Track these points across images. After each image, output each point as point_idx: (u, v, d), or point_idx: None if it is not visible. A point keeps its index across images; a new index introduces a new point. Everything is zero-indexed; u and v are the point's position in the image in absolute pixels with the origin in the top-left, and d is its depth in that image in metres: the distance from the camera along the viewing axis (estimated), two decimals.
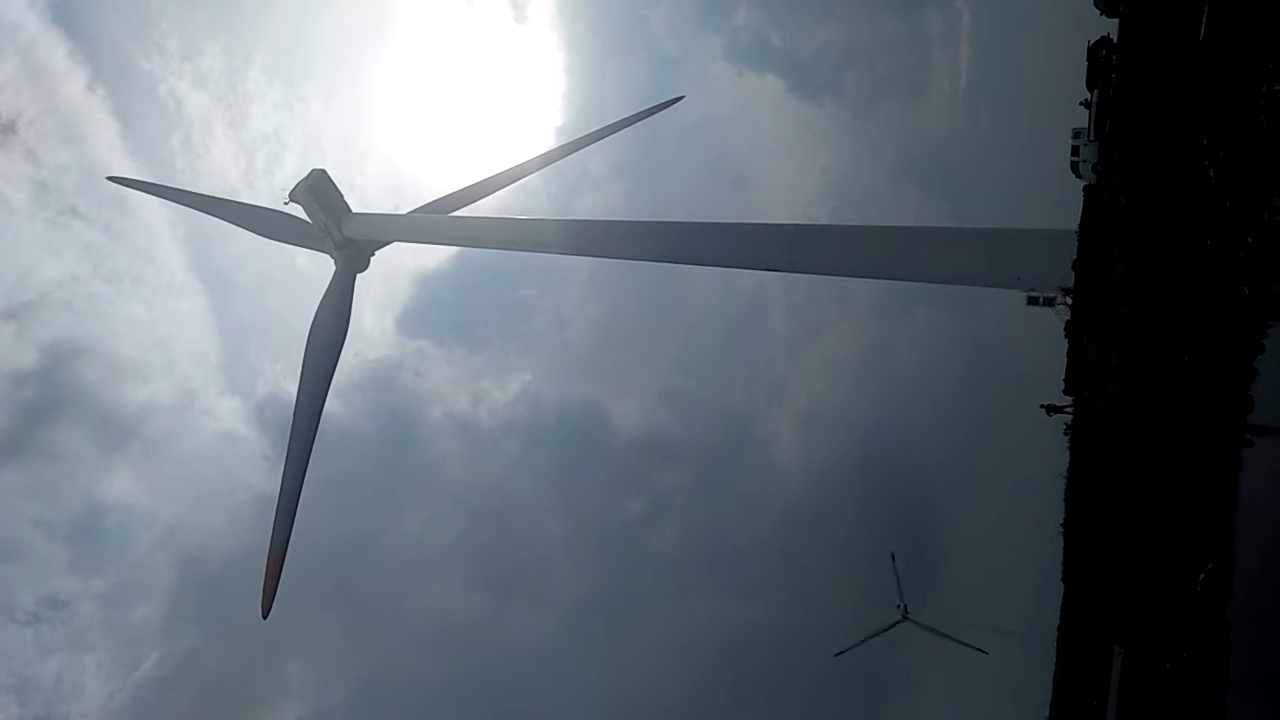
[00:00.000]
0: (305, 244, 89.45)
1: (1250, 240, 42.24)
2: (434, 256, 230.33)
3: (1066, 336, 56.19)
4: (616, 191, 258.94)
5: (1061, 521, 66.57)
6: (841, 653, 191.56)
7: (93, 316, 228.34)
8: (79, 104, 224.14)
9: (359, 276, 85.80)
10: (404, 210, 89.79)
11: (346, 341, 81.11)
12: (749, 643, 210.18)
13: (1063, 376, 58.83)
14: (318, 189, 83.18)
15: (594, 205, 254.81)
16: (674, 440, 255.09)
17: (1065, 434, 64.14)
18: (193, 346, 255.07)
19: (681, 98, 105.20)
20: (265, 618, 73.87)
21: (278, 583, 73.14)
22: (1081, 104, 63.86)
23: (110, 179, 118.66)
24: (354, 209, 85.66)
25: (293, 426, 76.44)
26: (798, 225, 66.25)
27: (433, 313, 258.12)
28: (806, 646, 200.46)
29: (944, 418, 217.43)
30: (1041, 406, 61.69)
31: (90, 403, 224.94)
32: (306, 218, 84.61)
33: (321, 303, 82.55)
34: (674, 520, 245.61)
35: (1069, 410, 60.99)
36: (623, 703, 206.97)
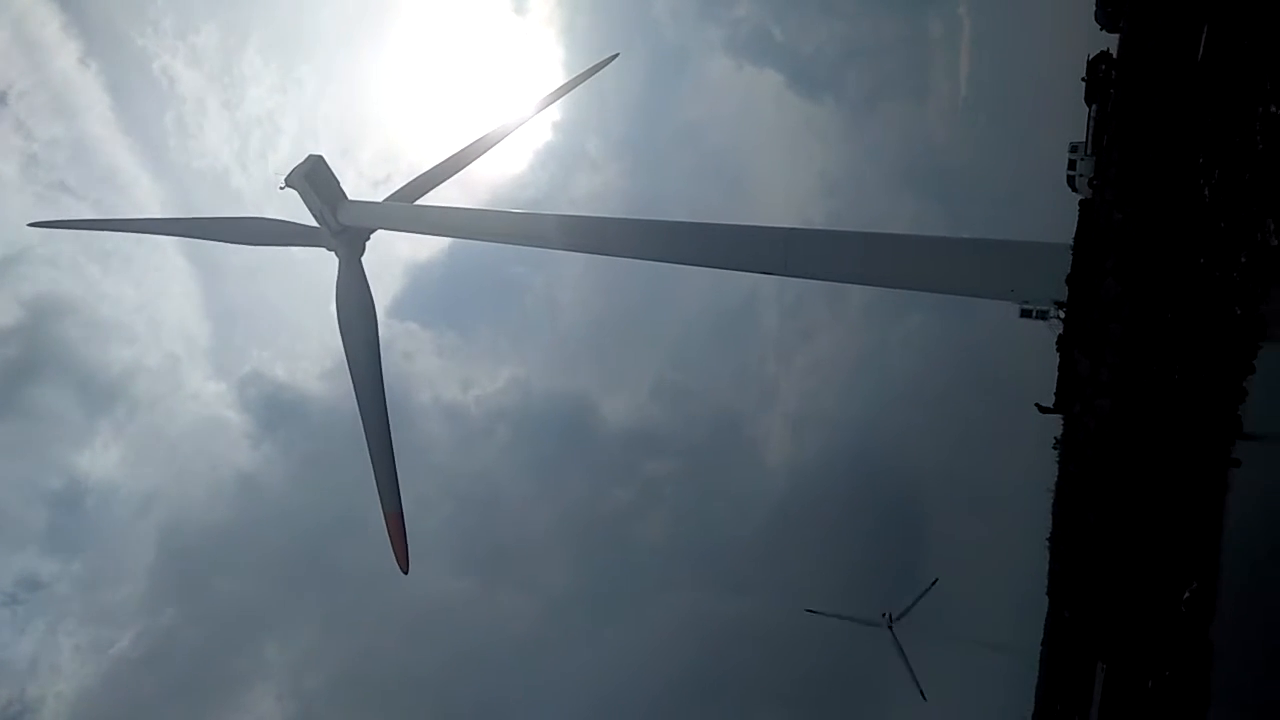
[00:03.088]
0: (292, 242, 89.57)
1: (1243, 260, 42.29)
2: (427, 242, 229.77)
3: (1058, 350, 56.15)
4: (613, 171, 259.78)
5: (1048, 535, 66.58)
6: (813, 611, 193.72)
7: (80, 287, 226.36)
8: (71, 78, 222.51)
9: None
10: (388, 191, 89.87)
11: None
12: (733, 639, 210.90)
13: (1054, 390, 58.78)
14: (314, 175, 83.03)
15: (591, 184, 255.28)
16: (664, 435, 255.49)
17: (1054, 447, 64.12)
18: (181, 328, 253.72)
19: (616, 55, 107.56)
20: (406, 573, 77.18)
21: (405, 539, 76.15)
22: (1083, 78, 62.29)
23: (31, 225, 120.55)
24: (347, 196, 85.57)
25: (361, 412, 78.27)
26: (794, 229, 66.04)
27: (424, 298, 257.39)
28: (790, 645, 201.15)
29: (934, 424, 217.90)
30: (1036, 405, 61.62)
31: (74, 368, 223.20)
32: (302, 203, 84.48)
33: (340, 294, 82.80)
34: (662, 514, 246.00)
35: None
36: (606, 692, 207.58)
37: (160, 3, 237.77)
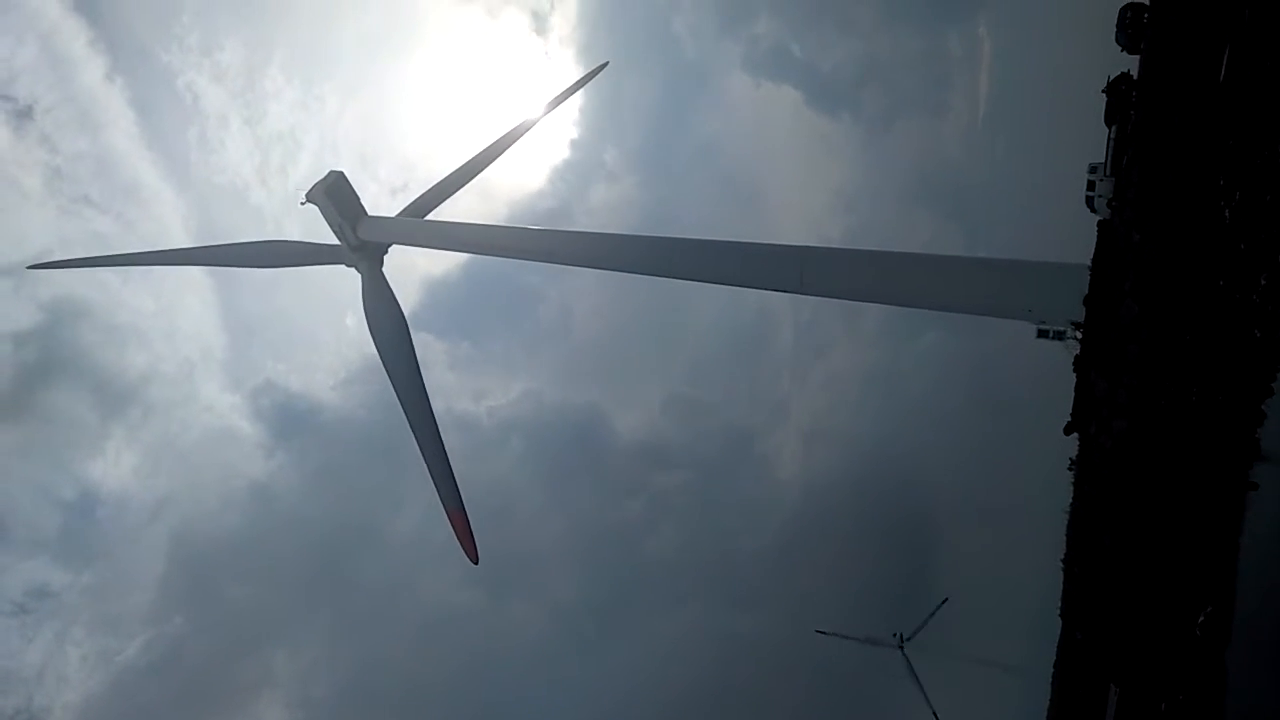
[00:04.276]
0: (311, 262, 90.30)
1: (1263, 283, 42.18)
2: (442, 254, 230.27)
3: (1075, 371, 56.02)
4: (630, 183, 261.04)
5: (1062, 556, 66.23)
6: (823, 632, 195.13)
7: (99, 295, 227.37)
8: (97, 93, 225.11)
9: None
10: (406, 198, 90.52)
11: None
12: (741, 654, 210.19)
13: (1070, 411, 58.61)
14: (335, 191, 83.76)
15: (608, 197, 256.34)
16: (676, 449, 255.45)
17: (1070, 468, 63.87)
18: (198, 338, 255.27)
19: (606, 64, 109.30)
20: (476, 563, 77.87)
21: (470, 531, 77.02)
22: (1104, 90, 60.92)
23: (31, 267, 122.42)
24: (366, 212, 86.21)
25: (408, 419, 79.08)
26: (810, 247, 66.13)
27: (439, 309, 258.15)
28: (798, 661, 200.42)
29: (948, 442, 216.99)
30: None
31: (90, 373, 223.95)
32: (322, 218, 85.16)
33: (368, 308, 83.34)
34: (672, 527, 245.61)
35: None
36: (613, 705, 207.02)
37: (186, 20, 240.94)
